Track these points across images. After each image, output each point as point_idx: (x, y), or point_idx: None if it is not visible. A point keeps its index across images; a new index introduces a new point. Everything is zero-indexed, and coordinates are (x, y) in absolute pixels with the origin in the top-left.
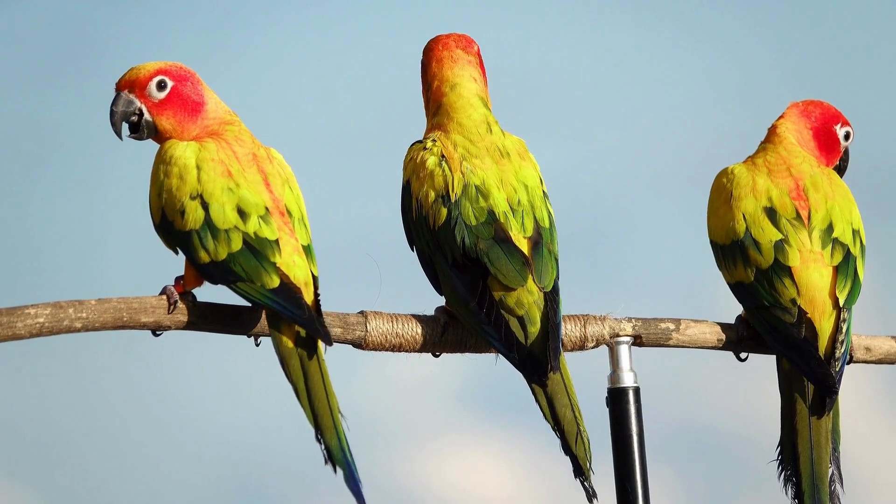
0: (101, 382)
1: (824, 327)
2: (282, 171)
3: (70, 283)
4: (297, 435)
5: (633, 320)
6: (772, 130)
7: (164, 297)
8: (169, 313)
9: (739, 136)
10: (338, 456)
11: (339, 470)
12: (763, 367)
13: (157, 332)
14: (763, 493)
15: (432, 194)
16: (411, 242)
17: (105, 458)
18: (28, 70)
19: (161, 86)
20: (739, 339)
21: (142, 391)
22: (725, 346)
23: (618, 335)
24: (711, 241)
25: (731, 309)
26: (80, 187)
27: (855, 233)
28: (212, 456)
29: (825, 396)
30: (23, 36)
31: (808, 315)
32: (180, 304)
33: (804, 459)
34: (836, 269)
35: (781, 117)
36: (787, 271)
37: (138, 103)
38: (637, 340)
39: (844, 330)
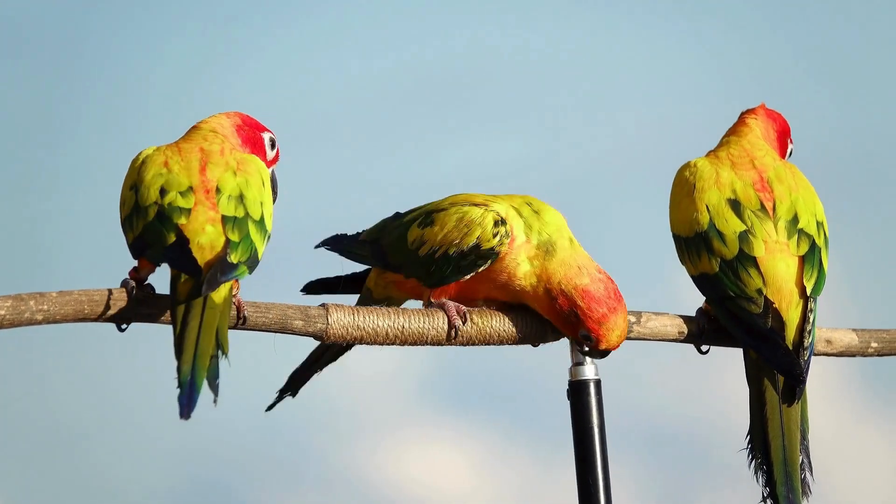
0: (62, 375)
1: (792, 317)
2: (234, 163)
3: (31, 276)
4: (261, 431)
5: None
6: (740, 121)
7: (124, 289)
8: (129, 299)
9: (704, 131)
10: (183, 379)
11: (178, 389)
12: (724, 359)
13: (122, 328)
14: (724, 484)
15: None
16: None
17: (69, 452)
18: (9, 66)
19: None
20: (701, 331)
21: (104, 384)
22: (687, 339)
23: None
24: (674, 234)
25: (693, 301)
26: (43, 180)
27: (819, 224)
28: (174, 453)
29: (794, 386)
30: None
31: (775, 305)
32: (138, 295)
33: (775, 447)
34: (803, 259)
35: (752, 112)
36: (753, 261)
37: None
38: None
39: (812, 319)
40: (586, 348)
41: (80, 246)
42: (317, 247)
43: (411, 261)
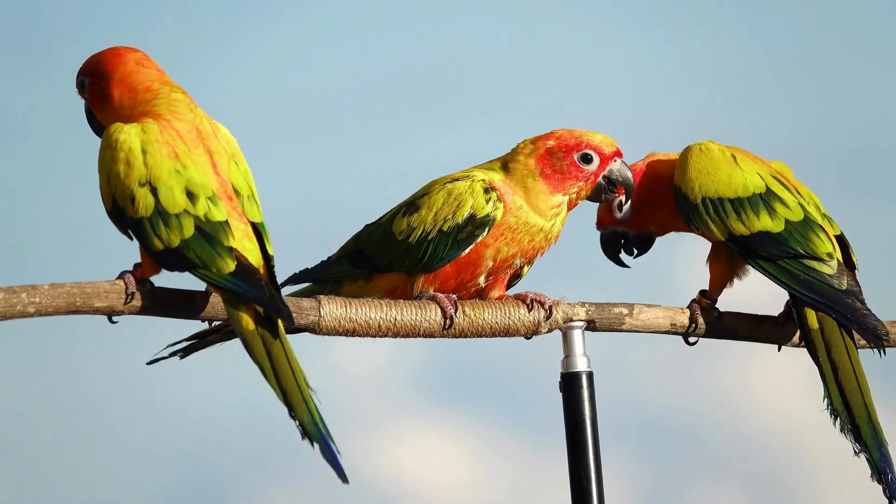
0: (55, 368)
1: None
2: (227, 146)
3: (23, 269)
4: (251, 427)
5: (587, 305)
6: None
7: (119, 281)
8: (125, 304)
9: (698, 120)
10: (311, 430)
11: (315, 444)
12: (716, 351)
13: (114, 320)
14: (716, 474)
15: None
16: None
17: (61, 446)
18: None
19: (82, 86)
20: (693, 324)
21: (97, 376)
22: (679, 331)
23: (571, 320)
24: (706, 199)
25: (685, 293)
26: (34, 171)
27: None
28: (166, 449)
29: (877, 345)
30: None
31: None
32: (138, 291)
33: (857, 406)
34: (840, 239)
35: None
36: (821, 227)
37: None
38: (590, 325)
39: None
40: (609, 178)
41: (72, 238)
42: (284, 284)
43: (402, 251)
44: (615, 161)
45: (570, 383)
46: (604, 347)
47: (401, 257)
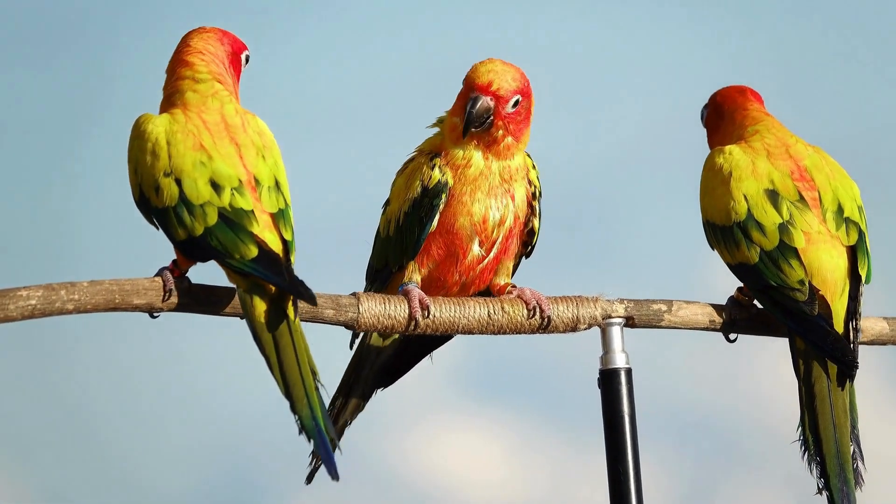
0: (91, 365)
1: (837, 308)
2: (257, 139)
3: (62, 266)
4: (286, 423)
5: (625, 301)
6: (758, 108)
7: (158, 278)
8: (163, 301)
9: None
10: (308, 425)
11: (311, 440)
12: (755, 348)
13: (155, 315)
14: (754, 471)
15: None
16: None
17: (97, 443)
18: (14, 49)
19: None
20: (731, 320)
21: (134, 374)
22: (717, 328)
23: (610, 316)
24: (707, 222)
25: (724, 289)
26: (73, 171)
27: (860, 209)
28: (202, 440)
29: (845, 372)
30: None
31: (821, 293)
32: (176, 288)
33: (827, 439)
34: (853, 249)
35: (756, 98)
36: (794, 252)
37: None
38: (629, 322)
39: (862, 303)
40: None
41: (111, 235)
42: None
43: (387, 247)
44: (472, 94)
45: (608, 380)
46: (642, 344)
47: (391, 254)
